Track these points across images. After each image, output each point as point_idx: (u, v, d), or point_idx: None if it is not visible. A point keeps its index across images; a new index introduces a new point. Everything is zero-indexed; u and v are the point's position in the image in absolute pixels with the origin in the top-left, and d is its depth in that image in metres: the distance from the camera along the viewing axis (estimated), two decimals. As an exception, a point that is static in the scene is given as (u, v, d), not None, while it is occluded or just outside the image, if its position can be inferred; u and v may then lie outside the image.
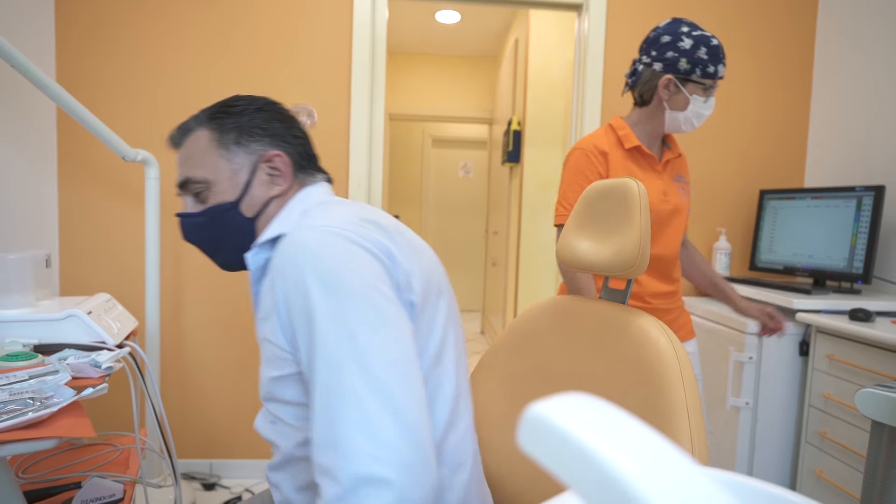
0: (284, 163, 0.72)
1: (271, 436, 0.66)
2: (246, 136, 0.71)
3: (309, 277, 0.56)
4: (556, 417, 0.22)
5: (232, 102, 0.73)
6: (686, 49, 1.16)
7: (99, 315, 1.10)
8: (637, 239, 0.71)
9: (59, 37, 1.79)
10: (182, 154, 0.73)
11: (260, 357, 0.66)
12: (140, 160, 1.55)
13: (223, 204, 0.70)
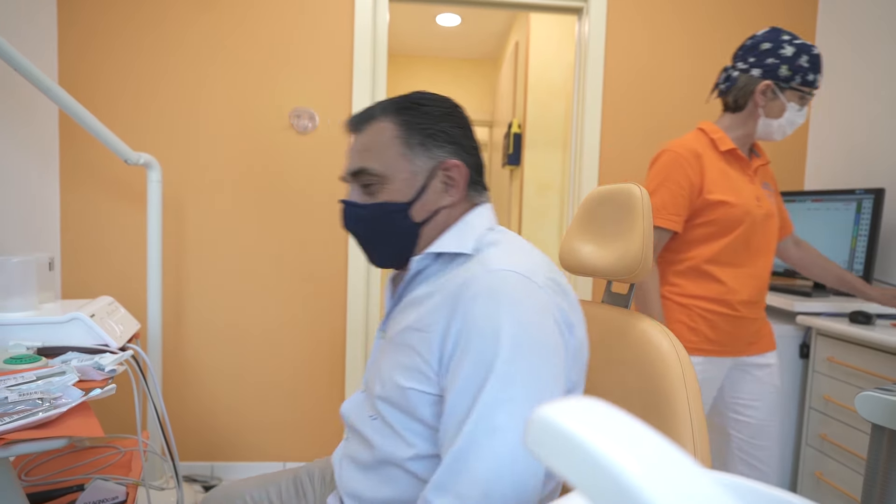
0: (462, 174, 0.70)
1: (368, 432, 0.68)
2: (431, 139, 0.69)
3: (503, 327, 0.57)
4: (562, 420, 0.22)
5: (421, 100, 0.70)
6: (788, 56, 1.17)
7: (102, 318, 1.10)
8: (640, 243, 0.72)
9: (62, 39, 1.80)
10: (360, 141, 0.70)
11: (370, 351, 0.69)
12: (142, 163, 1.55)
13: (395, 203, 0.68)
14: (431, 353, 0.61)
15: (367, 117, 0.71)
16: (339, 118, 1.92)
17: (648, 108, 2.03)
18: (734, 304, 1.23)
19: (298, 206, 1.93)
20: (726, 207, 1.20)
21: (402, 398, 0.63)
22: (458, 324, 0.59)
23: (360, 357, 1.98)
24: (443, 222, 0.71)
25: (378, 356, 0.73)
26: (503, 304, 0.58)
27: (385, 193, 0.69)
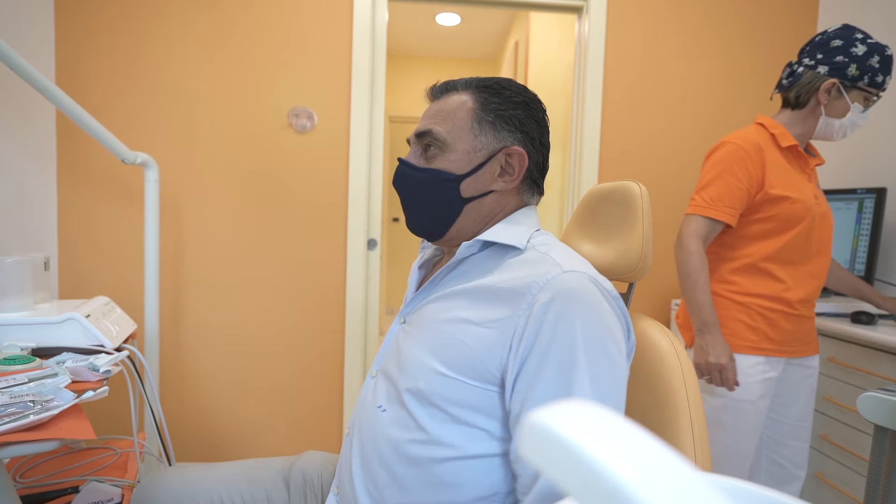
0: (522, 164, 0.70)
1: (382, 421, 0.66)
2: (502, 122, 0.69)
3: (579, 335, 0.57)
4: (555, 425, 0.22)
5: (503, 84, 0.71)
6: (858, 55, 1.14)
7: (97, 318, 1.09)
8: (640, 242, 0.71)
9: (59, 39, 1.79)
10: (435, 107, 0.72)
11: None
12: (139, 163, 1.54)
13: (448, 173, 0.69)
14: (493, 350, 0.60)
15: (448, 87, 0.72)
16: (338, 118, 1.91)
17: (649, 108, 2.02)
18: (793, 303, 1.21)
19: (297, 206, 1.92)
20: (788, 203, 1.17)
21: (439, 387, 0.61)
22: (532, 327, 0.58)
23: (359, 358, 1.97)
24: (489, 207, 0.71)
25: (399, 344, 0.70)
26: (582, 310, 0.58)
27: (442, 161, 0.69)
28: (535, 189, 0.75)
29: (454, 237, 0.72)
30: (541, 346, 0.57)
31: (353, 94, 1.90)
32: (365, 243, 1.96)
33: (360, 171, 1.92)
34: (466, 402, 0.61)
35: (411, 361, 0.65)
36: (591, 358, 0.56)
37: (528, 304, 0.59)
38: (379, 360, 0.73)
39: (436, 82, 0.74)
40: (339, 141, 1.92)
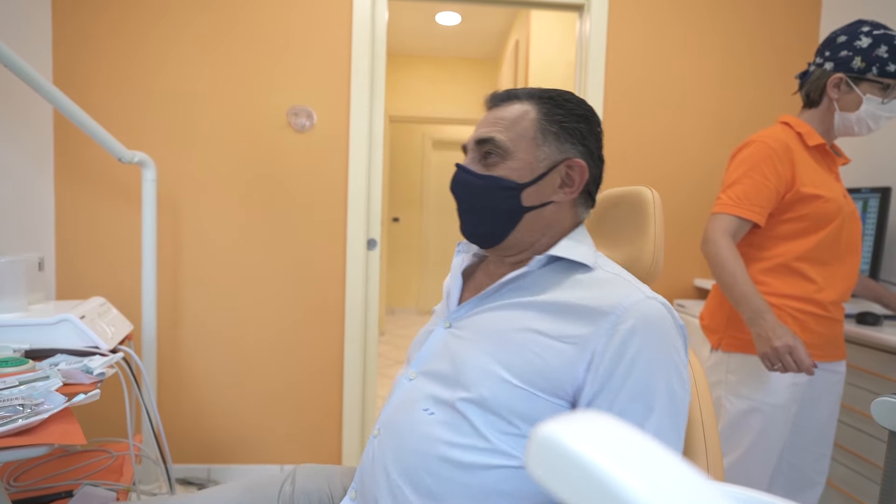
0: (582, 177, 0.70)
1: (425, 426, 0.64)
2: (565, 133, 0.70)
3: (657, 367, 0.58)
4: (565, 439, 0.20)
5: (566, 97, 0.72)
6: (862, 48, 1.13)
7: (92, 319, 1.07)
8: (652, 247, 0.70)
9: (57, 38, 1.78)
10: (495, 114, 0.72)
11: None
12: (137, 162, 1.53)
13: (509, 181, 0.68)
14: (571, 367, 0.59)
15: (509, 96, 0.72)
16: (338, 117, 1.89)
17: (651, 108, 2.01)
18: (825, 305, 1.18)
19: (296, 206, 1.90)
20: (821, 202, 1.15)
21: (505, 396, 0.60)
22: (616, 350, 0.58)
23: (358, 358, 1.95)
24: (548, 218, 0.71)
25: (451, 349, 0.68)
26: (662, 342, 0.59)
27: (502, 168, 0.69)
28: (590, 202, 0.75)
29: (511, 245, 0.72)
30: (621, 371, 0.58)
31: (353, 93, 1.88)
32: (364, 243, 1.95)
33: (359, 171, 1.90)
34: (531, 413, 0.60)
35: (473, 368, 0.64)
36: (665, 392, 0.57)
37: (612, 325, 0.59)
38: (420, 362, 0.71)
39: (495, 90, 0.74)
40: (339, 140, 1.90)
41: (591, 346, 0.59)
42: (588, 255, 0.68)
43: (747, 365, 1.21)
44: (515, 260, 0.73)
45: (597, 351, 0.59)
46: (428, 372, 0.69)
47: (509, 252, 0.73)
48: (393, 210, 5.27)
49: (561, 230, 0.72)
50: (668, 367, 0.58)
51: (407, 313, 5.38)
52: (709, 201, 2.03)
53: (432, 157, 5.35)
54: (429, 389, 0.66)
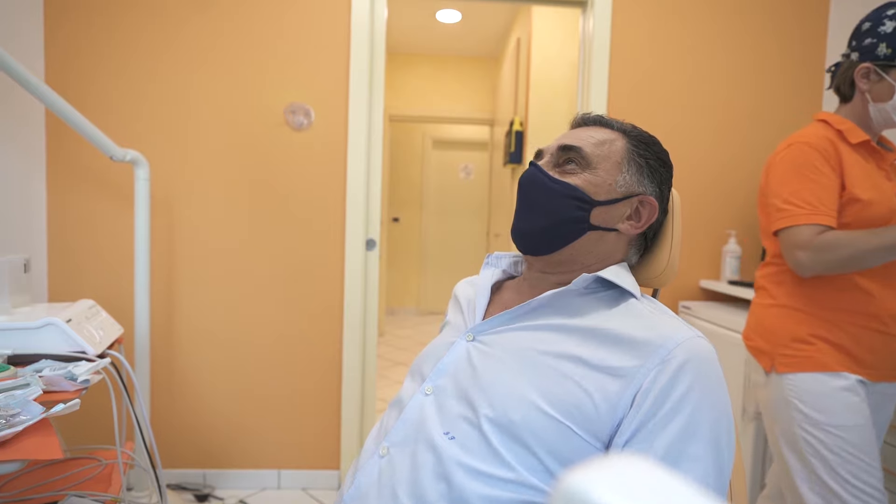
0: (650, 216, 0.69)
1: (445, 450, 0.58)
2: (648, 170, 0.70)
3: (710, 411, 0.54)
4: (604, 497, 0.16)
5: (654, 140, 0.73)
6: (887, 33, 1.06)
7: (79, 323, 1.03)
8: (667, 247, 0.66)
9: (49, 36, 1.74)
10: (585, 131, 0.71)
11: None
12: (129, 160, 1.49)
13: (584, 193, 0.66)
14: (615, 404, 0.55)
15: (602, 122, 0.72)
16: (336, 116, 1.86)
17: (656, 107, 1.97)
18: (884, 319, 1.07)
19: (294, 205, 1.86)
20: (870, 206, 1.06)
21: (539, 427, 0.55)
22: (661, 385, 0.54)
23: (357, 362, 1.91)
24: (607, 245, 0.69)
25: (477, 365, 0.63)
26: (712, 381, 0.56)
27: (579, 179, 0.67)
28: (643, 247, 0.73)
29: (563, 260, 0.68)
30: (667, 409, 0.54)
31: (352, 91, 1.84)
32: (363, 243, 1.91)
33: (358, 170, 1.86)
34: (561, 450, 0.55)
35: (503, 390, 0.58)
36: (712, 437, 0.54)
37: (661, 359, 0.55)
38: (439, 376, 0.65)
39: (588, 112, 0.74)
40: (337, 139, 1.86)
41: (637, 381, 0.55)
42: (635, 286, 0.65)
43: (810, 385, 1.09)
44: (561, 280, 0.69)
45: (643, 387, 0.54)
46: (447, 388, 0.63)
47: (559, 268, 0.69)
48: (393, 210, 5.23)
49: (611, 262, 0.70)
50: (717, 411, 0.54)
51: (407, 314, 5.34)
52: (714, 201, 1.99)
53: (433, 157, 5.31)
54: (448, 408, 0.61)
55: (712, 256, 2.00)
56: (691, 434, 0.52)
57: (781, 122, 1.99)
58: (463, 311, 0.75)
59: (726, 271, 1.94)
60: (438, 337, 0.74)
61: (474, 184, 5.36)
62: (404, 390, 0.69)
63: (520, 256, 0.81)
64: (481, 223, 5.32)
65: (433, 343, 0.72)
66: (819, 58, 1.99)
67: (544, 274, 0.70)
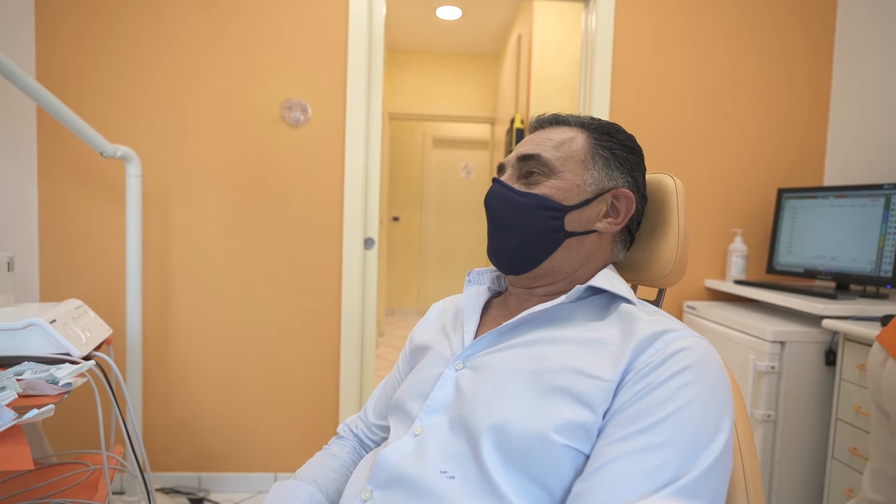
0: (629, 209, 0.65)
1: (441, 492, 0.52)
2: (615, 161, 0.66)
3: (716, 412, 0.49)
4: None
5: (616, 127, 0.68)
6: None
7: (65, 323, 1.00)
8: (675, 242, 0.62)
9: (39, 30, 1.70)
10: (542, 135, 0.67)
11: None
12: (120, 156, 1.45)
13: (553, 201, 0.63)
14: (605, 403, 0.51)
15: (558, 120, 0.69)
16: (334, 114, 1.82)
17: (660, 103, 1.93)
18: None
19: (291, 203, 1.83)
20: None
21: (543, 454, 0.50)
22: (657, 363, 0.50)
23: (355, 362, 1.87)
24: (588, 248, 0.65)
25: (470, 398, 0.57)
26: (717, 379, 0.51)
27: (545, 187, 0.63)
28: (628, 241, 0.70)
29: (546, 273, 0.65)
30: (663, 395, 0.49)
31: (349, 87, 1.80)
32: (361, 242, 1.87)
33: (356, 167, 1.82)
34: (573, 477, 0.50)
35: (505, 418, 0.52)
36: (713, 442, 0.48)
37: (658, 348, 0.52)
38: (430, 413, 0.59)
39: (542, 114, 0.70)
40: (335, 136, 1.82)
41: (630, 366, 0.51)
42: (628, 290, 0.62)
43: None
44: (548, 291, 0.65)
45: (634, 367, 0.51)
46: (439, 425, 0.57)
47: (542, 281, 0.66)
48: (393, 209, 5.19)
49: (598, 264, 0.66)
50: (722, 414, 0.49)
51: (407, 314, 5.30)
52: (720, 199, 1.95)
53: (432, 156, 5.27)
54: (444, 446, 0.55)
55: (718, 256, 1.96)
56: (694, 438, 0.47)
57: (786, 118, 1.95)
58: (448, 334, 0.69)
59: (732, 271, 1.90)
60: (422, 367, 0.67)
61: (475, 183, 5.32)
62: (392, 432, 0.63)
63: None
64: (482, 222, 5.28)
65: (417, 375, 0.66)
66: (826, 54, 1.94)
67: (530, 288, 0.67)
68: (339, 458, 0.73)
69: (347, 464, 0.73)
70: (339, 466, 0.72)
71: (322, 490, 0.68)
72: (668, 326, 0.54)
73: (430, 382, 0.62)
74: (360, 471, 0.63)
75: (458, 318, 0.71)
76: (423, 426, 0.59)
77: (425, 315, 0.78)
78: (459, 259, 5.33)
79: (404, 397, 0.64)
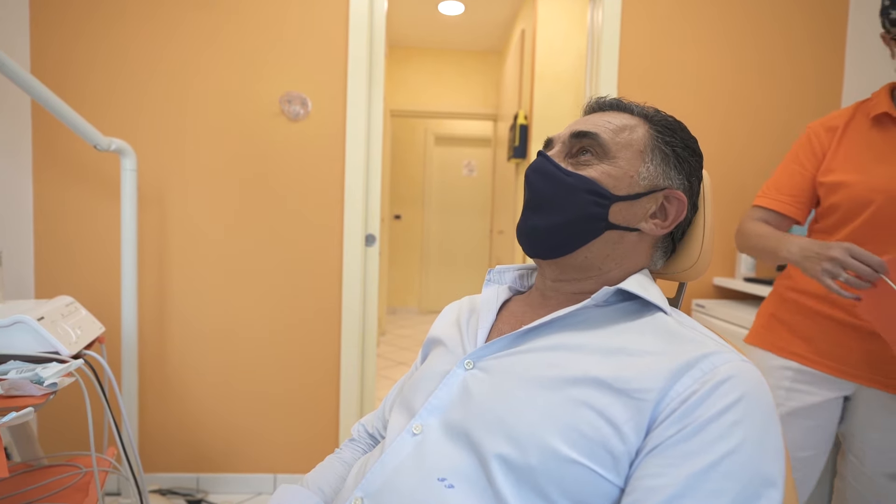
0: (678, 214, 0.60)
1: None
2: (675, 161, 0.61)
3: (772, 450, 0.45)
4: None
5: (680, 125, 0.63)
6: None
7: (54, 321, 0.96)
8: (699, 237, 0.58)
9: (34, 21, 1.66)
10: (602, 117, 0.62)
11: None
12: (114, 150, 1.42)
13: (602, 187, 0.57)
14: (639, 427, 0.46)
15: (619, 106, 0.64)
16: (334, 112, 1.78)
17: (667, 99, 1.88)
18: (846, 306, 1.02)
19: (290, 198, 1.79)
20: (846, 188, 1.01)
21: (558, 473, 0.46)
22: (696, 403, 0.45)
23: (356, 362, 1.84)
24: (627, 247, 0.60)
25: (478, 399, 0.53)
26: (768, 415, 0.46)
27: (595, 170, 0.58)
28: (670, 249, 0.64)
29: (578, 265, 0.60)
30: (703, 432, 0.44)
31: (350, 87, 1.76)
32: (362, 239, 1.83)
33: (357, 163, 1.79)
34: (583, 495, 0.46)
35: (516, 428, 0.48)
36: (771, 483, 0.44)
37: (700, 377, 0.46)
38: (432, 411, 0.55)
39: (603, 96, 0.65)
40: (335, 130, 1.78)
41: (668, 397, 0.46)
42: (662, 299, 0.57)
43: None
44: (577, 289, 0.60)
45: (676, 392, 0.46)
46: (443, 426, 0.53)
47: (572, 275, 0.61)
48: (394, 207, 5.15)
49: (633, 268, 0.61)
50: (776, 451, 0.45)
51: (408, 313, 5.26)
52: (729, 193, 1.91)
53: (434, 153, 5.23)
54: (445, 451, 0.51)
55: (726, 253, 1.92)
56: (724, 474, 0.42)
57: (799, 114, 1.90)
58: (462, 331, 0.64)
59: (741, 268, 1.86)
60: (431, 362, 0.63)
61: (477, 181, 5.28)
62: (391, 427, 0.59)
63: (526, 269, 0.72)
64: (484, 221, 5.23)
65: (426, 370, 0.62)
66: (838, 48, 1.90)
67: (558, 283, 0.61)
68: (348, 465, 0.70)
69: None
70: (347, 473, 0.68)
71: (326, 499, 0.65)
72: (711, 348, 0.49)
73: (437, 379, 0.58)
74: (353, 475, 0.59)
75: (474, 315, 0.66)
76: (423, 425, 0.54)
77: (443, 310, 0.74)
78: (461, 258, 5.29)
79: (411, 392, 0.60)
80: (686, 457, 0.43)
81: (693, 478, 0.42)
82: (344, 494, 0.56)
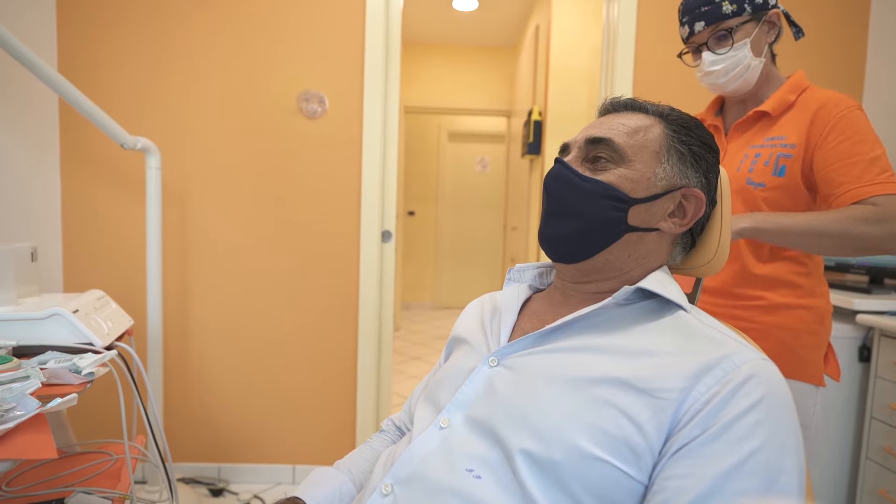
0: (697, 211, 0.61)
1: (469, 491, 0.50)
2: (692, 159, 0.62)
3: (793, 450, 0.46)
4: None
5: (696, 123, 0.63)
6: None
7: (87, 314, 1.00)
8: (717, 232, 0.59)
9: (61, 24, 1.71)
10: (616, 119, 0.63)
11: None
12: (140, 148, 1.46)
13: (619, 191, 0.59)
14: (661, 425, 0.47)
15: (634, 106, 0.64)
16: (350, 107, 1.80)
17: (684, 95, 1.87)
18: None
19: (308, 195, 1.82)
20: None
21: (582, 469, 0.47)
22: (719, 404, 0.46)
23: (373, 356, 1.87)
24: (647, 247, 0.61)
25: (503, 395, 0.55)
26: (789, 414, 0.47)
27: (612, 175, 0.59)
28: (689, 244, 0.65)
29: (599, 268, 0.61)
30: (726, 433, 0.45)
31: (367, 83, 1.78)
32: (379, 235, 1.86)
33: (373, 160, 1.81)
34: (610, 495, 0.47)
35: (540, 424, 0.50)
36: (796, 484, 0.45)
37: (721, 377, 0.48)
38: (459, 406, 0.57)
39: (617, 96, 0.66)
40: (352, 128, 1.81)
41: (691, 398, 0.47)
42: (681, 296, 0.58)
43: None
44: (598, 289, 0.62)
45: (699, 393, 0.47)
46: (468, 421, 0.55)
47: (593, 276, 0.62)
48: (408, 203, 5.18)
49: (653, 266, 0.62)
50: (797, 451, 0.46)
51: (422, 308, 5.30)
52: (746, 191, 1.89)
53: (448, 150, 5.25)
54: (472, 444, 0.53)
55: (743, 249, 1.91)
56: (749, 473, 0.44)
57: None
58: (485, 329, 0.66)
59: (759, 264, 1.84)
60: (456, 359, 0.65)
61: (491, 177, 5.29)
62: (417, 420, 0.61)
63: (545, 266, 0.73)
64: (498, 217, 5.24)
65: (450, 366, 0.64)
66: (859, 42, 1.87)
67: (578, 284, 0.63)
68: (377, 452, 0.74)
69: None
70: (375, 459, 0.72)
71: (354, 480, 0.69)
72: (732, 347, 0.50)
73: (463, 375, 0.60)
74: (382, 463, 0.61)
75: (497, 314, 0.68)
76: (449, 419, 0.56)
77: (464, 309, 0.76)
78: (475, 254, 5.31)
79: (437, 386, 0.62)
80: (712, 457, 0.44)
81: (720, 477, 0.44)
82: (374, 480, 0.58)
